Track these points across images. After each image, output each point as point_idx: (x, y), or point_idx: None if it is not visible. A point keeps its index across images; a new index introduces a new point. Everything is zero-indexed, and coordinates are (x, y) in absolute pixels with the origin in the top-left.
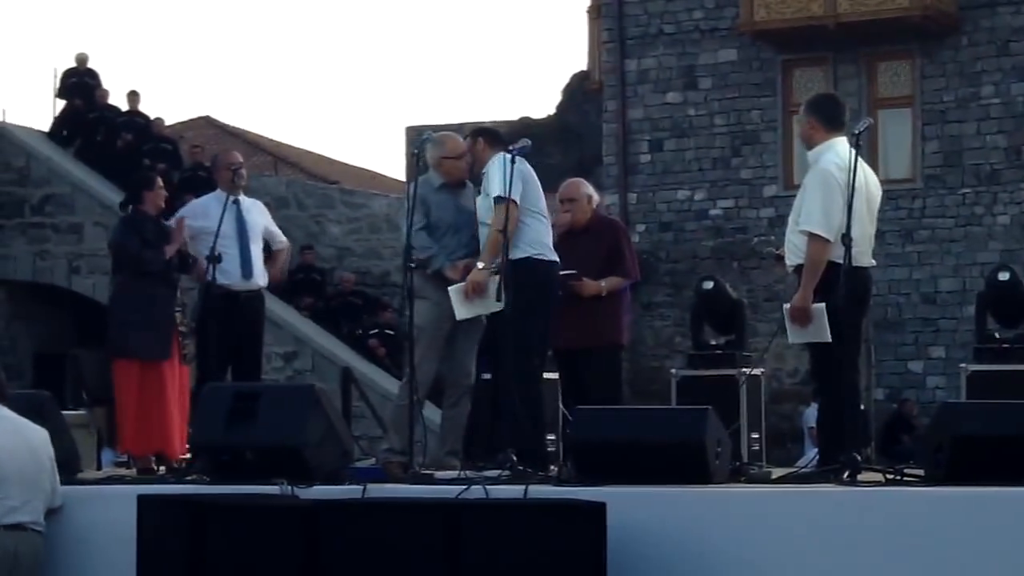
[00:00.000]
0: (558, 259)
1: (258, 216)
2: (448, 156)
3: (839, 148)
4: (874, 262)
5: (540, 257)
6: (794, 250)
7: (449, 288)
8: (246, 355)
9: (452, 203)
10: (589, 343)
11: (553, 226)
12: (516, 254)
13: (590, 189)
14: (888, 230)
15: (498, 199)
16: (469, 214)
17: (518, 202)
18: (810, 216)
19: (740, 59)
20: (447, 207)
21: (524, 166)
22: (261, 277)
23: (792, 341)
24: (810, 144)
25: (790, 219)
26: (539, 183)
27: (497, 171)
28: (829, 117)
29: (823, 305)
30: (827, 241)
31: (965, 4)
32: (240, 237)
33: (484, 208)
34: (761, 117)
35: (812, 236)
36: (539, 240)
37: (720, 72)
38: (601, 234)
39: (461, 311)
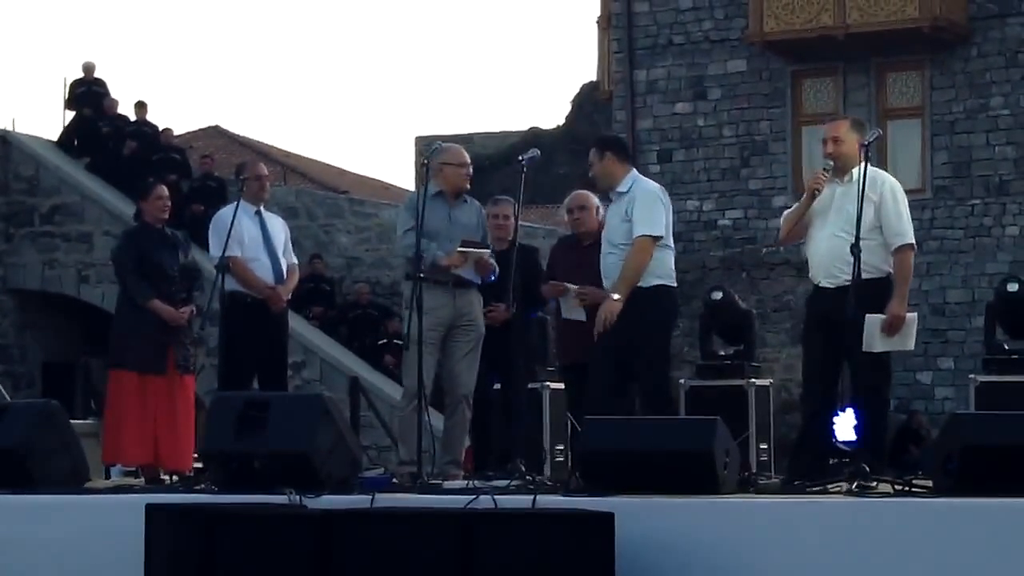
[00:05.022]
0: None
1: (280, 230)
2: (448, 163)
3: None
4: None
5: (669, 284)
6: (863, 265)
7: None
8: (275, 364)
9: (444, 212)
10: None
11: (574, 235)
12: (649, 282)
13: (597, 200)
14: None
15: (644, 236)
16: (461, 227)
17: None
18: (902, 228)
19: (749, 69)
20: (438, 215)
21: (666, 197)
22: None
23: (876, 350)
24: (850, 164)
25: (844, 236)
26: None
27: (649, 205)
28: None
29: (915, 314)
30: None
31: (975, 15)
32: (267, 245)
33: (623, 231)
34: (770, 128)
35: (904, 247)
36: (667, 271)
37: (729, 82)
38: None
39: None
